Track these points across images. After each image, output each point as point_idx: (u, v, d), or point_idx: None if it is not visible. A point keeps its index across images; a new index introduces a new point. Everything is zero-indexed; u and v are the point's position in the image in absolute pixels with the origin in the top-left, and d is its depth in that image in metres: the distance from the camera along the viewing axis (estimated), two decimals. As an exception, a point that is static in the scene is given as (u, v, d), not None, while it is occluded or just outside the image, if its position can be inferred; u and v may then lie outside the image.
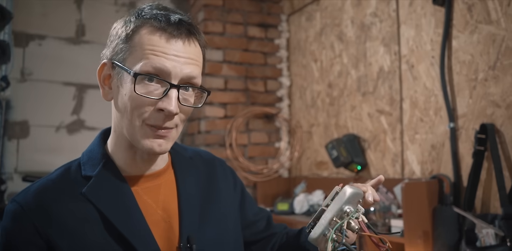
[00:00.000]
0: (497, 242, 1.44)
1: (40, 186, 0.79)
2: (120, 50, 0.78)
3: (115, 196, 0.79)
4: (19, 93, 2.55)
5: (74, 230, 0.75)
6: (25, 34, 2.61)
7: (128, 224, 0.77)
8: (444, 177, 1.69)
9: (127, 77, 0.76)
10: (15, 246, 0.75)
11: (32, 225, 0.74)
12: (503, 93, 1.54)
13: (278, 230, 1.05)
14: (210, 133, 2.64)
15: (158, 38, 0.76)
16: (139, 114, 0.76)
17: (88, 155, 0.85)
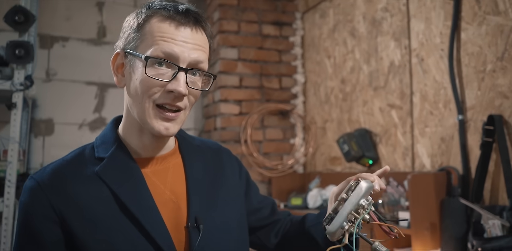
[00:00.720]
0: (503, 233, 1.43)
1: (56, 166, 0.85)
2: (132, 39, 0.83)
3: (126, 176, 0.84)
4: (44, 93, 2.68)
5: (86, 206, 0.80)
6: (50, 36, 2.75)
7: (137, 202, 0.82)
8: (452, 169, 1.68)
9: (139, 63, 0.81)
10: (31, 220, 0.80)
11: (47, 200, 0.79)
12: (511, 84, 1.53)
13: (282, 217, 1.08)
14: (225, 129, 2.70)
15: (168, 26, 0.81)
16: (149, 95, 0.80)
17: (101, 139, 0.90)
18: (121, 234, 0.79)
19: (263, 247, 1.07)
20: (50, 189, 0.80)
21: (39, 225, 0.79)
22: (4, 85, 2.02)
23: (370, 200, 0.79)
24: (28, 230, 0.80)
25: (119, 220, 0.80)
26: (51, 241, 0.79)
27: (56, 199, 0.79)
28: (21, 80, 2.04)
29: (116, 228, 0.80)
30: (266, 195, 2.67)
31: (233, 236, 0.93)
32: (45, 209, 0.79)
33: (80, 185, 0.82)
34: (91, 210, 0.80)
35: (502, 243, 1.40)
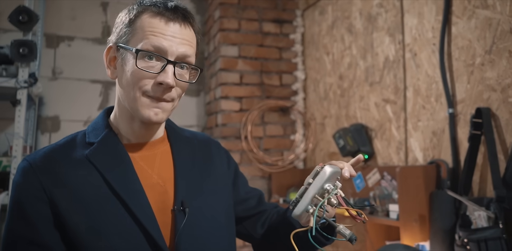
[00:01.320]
0: (489, 224, 1.44)
1: (49, 149, 0.89)
2: (123, 34, 0.88)
3: (114, 160, 0.88)
4: (50, 91, 2.76)
5: (75, 188, 0.84)
6: (56, 36, 2.83)
7: (124, 185, 0.86)
8: (441, 162, 1.70)
9: (130, 55, 0.86)
10: (22, 199, 0.83)
11: (38, 181, 0.83)
12: (499, 77, 1.54)
13: (269, 208, 1.12)
14: (226, 126, 2.74)
15: (158, 21, 0.86)
16: (140, 86, 0.85)
17: (93, 126, 0.95)
18: (109, 216, 0.83)
19: (249, 237, 1.10)
20: (42, 171, 0.84)
21: (29, 204, 0.83)
22: (9, 83, 2.09)
23: (338, 185, 0.81)
24: (18, 208, 0.83)
25: (107, 202, 0.84)
26: (40, 220, 0.82)
27: (46, 180, 0.83)
28: (25, 77, 2.11)
29: (104, 210, 0.83)
30: (266, 190, 2.71)
31: (218, 223, 0.96)
32: (35, 189, 0.83)
33: (71, 168, 0.86)
34: (80, 192, 0.84)
35: (487, 234, 1.41)
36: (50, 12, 2.79)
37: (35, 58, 2.11)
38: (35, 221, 0.82)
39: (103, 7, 2.96)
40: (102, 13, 2.95)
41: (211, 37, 3.00)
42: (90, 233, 0.81)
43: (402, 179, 1.63)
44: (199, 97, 3.13)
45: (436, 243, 1.59)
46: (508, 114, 1.50)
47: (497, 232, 1.40)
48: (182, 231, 0.87)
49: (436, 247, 1.59)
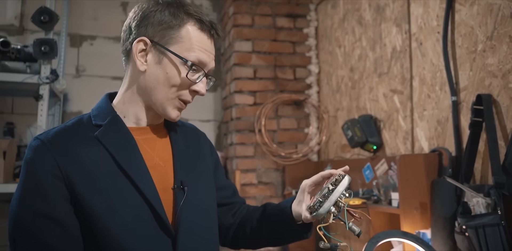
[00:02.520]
0: (488, 211, 1.43)
1: (59, 129, 0.95)
2: (166, 35, 0.95)
3: (121, 141, 0.96)
4: (74, 87, 2.91)
5: (87, 164, 0.90)
6: (79, 35, 2.98)
7: (130, 163, 0.93)
8: (443, 150, 1.69)
9: (177, 62, 0.95)
10: (37, 175, 0.87)
11: (52, 157, 0.88)
12: (499, 63, 1.52)
13: (240, 201, 1.21)
14: (240, 119, 2.80)
15: (206, 38, 0.97)
16: (177, 90, 0.97)
17: (97, 110, 1.02)
18: (118, 192, 0.90)
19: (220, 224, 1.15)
20: (55, 148, 0.89)
21: (45, 180, 0.87)
22: (32, 79, 2.23)
23: (350, 192, 0.95)
24: (33, 184, 0.87)
25: (116, 179, 0.91)
26: (56, 195, 0.87)
27: (60, 157, 0.88)
28: (47, 74, 2.25)
29: (114, 186, 0.90)
30: (280, 182, 2.76)
31: (210, 200, 1.07)
32: (50, 165, 0.88)
33: (81, 146, 0.92)
34: (91, 168, 0.90)
35: (485, 221, 1.41)
36: (73, 13, 2.94)
37: (55, 56, 2.23)
38: (51, 196, 0.86)
39: (123, 7, 3.08)
40: (122, 12, 3.07)
41: (226, 33, 3.06)
42: (103, 207, 0.88)
43: (401, 167, 1.64)
44: (216, 92, 3.21)
45: (436, 230, 1.59)
46: (509, 100, 1.48)
47: (495, 219, 1.39)
48: (182, 208, 0.95)
49: (437, 235, 1.59)
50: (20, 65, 2.29)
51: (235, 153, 2.78)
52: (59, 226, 0.86)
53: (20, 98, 2.75)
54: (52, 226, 0.86)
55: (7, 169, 2.23)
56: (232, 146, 2.85)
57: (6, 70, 2.26)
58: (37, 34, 2.74)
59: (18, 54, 2.26)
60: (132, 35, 0.97)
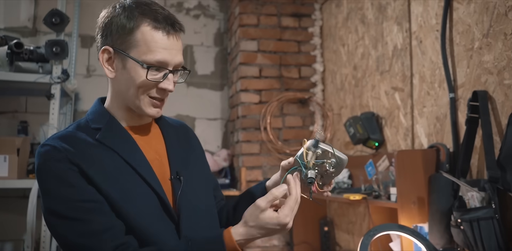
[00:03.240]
0: (483, 204, 1.46)
1: (62, 134, 1.01)
2: (123, 41, 0.99)
3: (122, 140, 1.03)
4: (85, 87, 3.00)
5: (96, 161, 0.96)
6: (90, 36, 3.07)
7: (134, 159, 1.01)
8: (440, 146, 1.72)
9: (135, 65, 0.98)
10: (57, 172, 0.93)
11: (66, 157, 0.94)
12: (495, 60, 1.55)
13: (219, 195, 1.28)
14: (246, 117, 2.86)
15: (161, 36, 0.98)
16: (145, 91, 1.01)
17: (92, 114, 1.08)
18: (128, 182, 0.98)
19: None
20: (65, 149, 0.96)
21: (65, 174, 0.93)
22: (44, 79, 2.32)
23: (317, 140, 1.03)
24: (56, 181, 0.93)
25: (125, 172, 0.99)
26: (80, 182, 0.94)
27: (71, 155, 0.95)
28: (58, 74, 2.33)
29: (123, 177, 0.98)
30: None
31: (205, 189, 1.15)
32: (65, 162, 0.94)
33: (87, 147, 0.99)
34: (101, 164, 0.97)
35: (479, 214, 1.44)
36: (84, 14, 3.03)
37: (66, 56, 2.31)
38: (76, 184, 0.93)
39: (132, 8, 3.16)
40: (131, 14, 3.15)
41: (232, 33, 3.12)
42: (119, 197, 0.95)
43: (399, 162, 1.67)
44: (223, 91, 3.27)
45: (433, 224, 1.63)
46: (504, 96, 1.51)
47: (489, 212, 1.42)
48: (181, 196, 1.03)
49: (434, 228, 1.62)
50: (33, 66, 2.38)
51: (241, 151, 2.83)
52: (98, 205, 0.93)
53: (33, 98, 2.85)
54: (92, 206, 0.93)
55: (20, 166, 2.32)
56: (238, 144, 2.91)
57: (19, 70, 2.35)
58: (49, 35, 2.83)
59: (31, 55, 2.35)
60: (99, 45, 1.03)
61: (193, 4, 3.28)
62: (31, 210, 2.24)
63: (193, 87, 3.20)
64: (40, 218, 2.28)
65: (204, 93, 3.23)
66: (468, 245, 1.49)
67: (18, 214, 2.63)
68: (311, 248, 2.71)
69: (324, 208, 2.78)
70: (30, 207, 2.25)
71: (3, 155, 2.25)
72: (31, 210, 2.24)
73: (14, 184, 2.26)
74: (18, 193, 2.69)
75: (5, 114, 2.81)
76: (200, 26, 3.28)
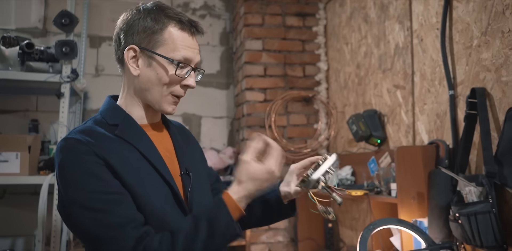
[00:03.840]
0: (480, 199, 1.49)
1: (82, 129, 1.04)
2: (151, 40, 1.06)
3: (138, 136, 1.08)
4: (94, 86, 3.07)
5: (117, 154, 1.00)
6: (98, 37, 3.13)
7: (151, 154, 1.06)
8: (440, 142, 1.75)
9: (165, 62, 1.05)
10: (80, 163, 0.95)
11: (90, 149, 0.97)
12: (493, 57, 1.58)
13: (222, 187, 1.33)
14: (251, 115, 2.90)
15: (187, 36, 1.07)
16: (168, 87, 1.07)
17: (107, 111, 1.11)
18: (146, 176, 1.03)
19: None
20: (88, 141, 0.98)
21: (90, 165, 0.96)
22: (54, 78, 2.39)
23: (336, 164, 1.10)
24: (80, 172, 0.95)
25: (142, 166, 1.04)
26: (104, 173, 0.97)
27: (96, 149, 0.98)
28: (68, 73, 2.40)
29: (142, 172, 1.03)
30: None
31: (207, 183, 1.23)
32: (91, 155, 0.97)
33: (108, 141, 1.02)
34: (122, 156, 1.01)
35: (477, 208, 1.47)
36: (93, 15, 3.10)
37: (75, 56, 2.38)
38: (101, 175, 0.96)
39: (140, 9, 3.22)
40: (139, 14, 3.21)
41: (238, 32, 3.17)
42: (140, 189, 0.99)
43: (399, 158, 1.71)
44: (229, 90, 3.32)
45: (432, 219, 1.66)
46: (501, 93, 1.54)
47: (486, 206, 1.45)
48: (192, 190, 1.10)
49: (433, 223, 1.66)
50: (43, 65, 2.45)
51: (246, 148, 2.88)
52: (123, 197, 0.97)
53: (43, 97, 2.92)
54: (118, 198, 0.96)
55: (32, 163, 2.39)
56: (243, 142, 2.96)
57: (30, 70, 2.42)
58: (59, 36, 2.90)
59: (42, 55, 2.41)
60: (122, 44, 1.08)
61: (199, 4, 3.33)
62: (42, 206, 2.31)
63: (199, 86, 3.25)
64: (50, 213, 2.35)
65: (210, 91, 3.28)
66: (466, 238, 1.52)
67: (29, 210, 2.70)
68: (315, 244, 2.75)
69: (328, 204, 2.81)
70: (41, 203, 2.31)
71: (15, 152, 2.32)
72: (42, 206, 2.31)
73: (25, 181, 2.33)
74: (30, 190, 2.76)
75: (17, 113, 2.89)
76: (206, 26, 3.33)
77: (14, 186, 2.70)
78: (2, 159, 2.31)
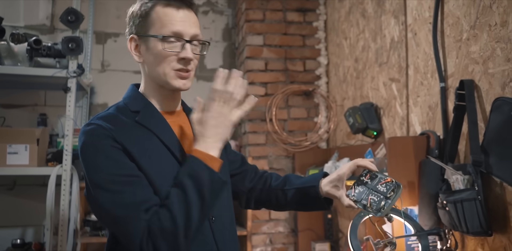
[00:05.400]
0: (467, 187, 1.54)
1: (105, 115, 1.10)
2: (142, 25, 1.12)
3: (158, 122, 1.14)
4: (100, 81, 3.16)
5: (137, 140, 1.06)
6: (104, 33, 3.22)
7: (169, 140, 1.11)
8: (430, 132, 1.81)
9: (155, 41, 1.10)
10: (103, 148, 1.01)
11: (110, 134, 1.03)
12: (481, 50, 1.63)
13: (250, 167, 1.41)
14: (252, 109, 2.97)
15: (171, 10, 1.10)
16: (168, 63, 1.10)
17: (129, 98, 1.18)
18: (163, 161, 1.08)
19: (239, 191, 1.37)
20: (109, 128, 1.04)
21: (109, 150, 1.02)
22: (61, 73, 2.48)
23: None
24: (101, 157, 1.01)
25: (161, 151, 1.09)
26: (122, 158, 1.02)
27: (115, 134, 1.03)
28: (74, 68, 2.48)
29: (159, 157, 1.08)
30: (290, 169, 2.92)
31: (228, 170, 1.28)
32: (111, 141, 1.03)
33: (127, 127, 1.08)
34: (140, 143, 1.07)
35: (463, 196, 1.53)
36: (98, 12, 3.18)
37: (81, 52, 2.46)
38: (119, 159, 1.02)
39: (144, 5, 3.30)
40: (143, 11, 3.29)
41: (239, 28, 3.23)
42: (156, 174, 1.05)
43: (391, 149, 1.77)
44: (231, 85, 3.38)
45: (422, 207, 1.72)
46: (488, 85, 1.59)
47: (472, 194, 1.51)
48: None
49: (423, 211, 1.71)
50: (51, 61, 2.54)
51: (247, 141, 2.95)
52: (139, 179, 1.02)
53: (51, 92, 3.02)
54: (134, 180, 1.01)
55: (40, 155, 2.49)
56: (245, 135, 3.03)
57: (38, 65, 2.52)
58: (65, 32, 2.99)
59: (49, 51, 2.50)
60: (127, 37, 1.17)
61: (202, 1, 3.40)
62: (50, 197, 2.41)
63: (202, 81, 3.32)
64: (58, 204, 2.45)
65: (213, 86, 3.35)
66: (453, 225, 1.58)
67: (38, 201, 2.81)
68: (315, 234, 2.82)
69: (328, 196, 2.88)
70: (49, 194, 2.41)
71: (24, 144, 2.42)
72: (50, 197, 2.41)
73: (34, 172, 2.43)
74: (38, 182, 2.87)
75: (26, 107, 2.99)
76: (209, 22, 3.40)
77: (23, 177, 2.81)
78: (12, 151, 2.41)
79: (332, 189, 1.24)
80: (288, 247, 2.92)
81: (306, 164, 2.86)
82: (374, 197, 1.09)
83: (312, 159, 2.88)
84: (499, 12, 1.53)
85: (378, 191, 1.09)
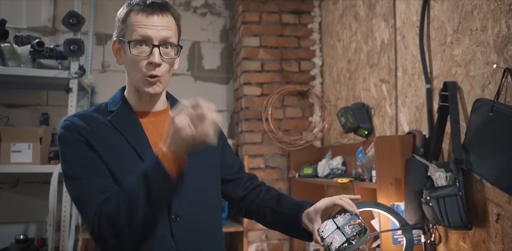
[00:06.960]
0: (449, 183, 1.63)
1: (82, 113, 1.19)
2: (120, 30, 1.19)
3: (128, 123, 1.19)
4: (101, 82, 3.24)
5: (103, 139, 1.13)
6: (104, 34, 3.30)
7: (136, 140, 1.17)
8: (416, 132, 1.89)
9: (125, 45, 1.16)
10: (70, 142, 1.12)
11: (78, 131, 1.12)
12: (463, 53, 1.71)
13: (247, 176, 1.40)
14: (248, 109, 3.06)
15: (141, 16, 1.13)
16: (139, 68, 1.13)
17: (112, 99, 1.26)
18: (127, 161, 1.14)
19: (229, 198, 1.38)
20: (79, 125, 1.13)
21: (75, 144, 1.11)
22: (63, 74, 2.56)
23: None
24: (68, 149, 1.12)
25: (125, 151, 1.15)
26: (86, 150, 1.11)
27: (83, 131, 1.12)
28: (76, 69, 2.56)
29: (123, 156, 1.14)
30: (285, 167, 3.00)
31: (212, 174, 1.27)
32: (77, 135, 1.12)
33: (99, 126, 1.15)
34: (106, 141, 1.14)
35: (445, 192, 1.61)
36: (99, 14, 3.26)
37: (83, 53, 2.54)
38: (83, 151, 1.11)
39: (143, 7, 3.38)
40: (142, 13, 3.37)
41: (237, 30, 3.32)
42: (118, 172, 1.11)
43: (378, 147, 1.85)
44: (229, 85, 3.47)
45: (408, 202, 1.80)
46: (469, 86, 1.67)
47: (454, 190, 1.59)
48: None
49: (408, 206, 1.80)
50: (53, 62, 2.62)
51: (244, 140, 3.04)
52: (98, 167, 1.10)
53: (53, 92, 3.10)
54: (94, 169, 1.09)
55: (43, 153, 2.57)
56: (241, 134, 3.11)
57: (41, 66, 2.60)
58: (67, 34, 3.07)
59: (51, 53, 2.58)
60: None
61: (200, 3, 3.48)
62: (53, 193, 2.49)
63: (200, 81, 3.41)
64: (60, 201, 2.53)
65: (211, 86, 3.43)
66: (436, 219, 1.66)
67: (40, 198, 2.89)
68: (309, 230, 2.89)
69: (322, 192, 2.96)
70: (52, 191, 2.49)
71: (27, 143, 2.51)
72: (53, 193, 2.49)
73: (37, 169, 2.52)
74: (41, 179, 2.95)
75: (29, 107, 3.08)
76: (207, 23, 3.48)
77: (26, 175, 2.89)
78: (16, 149, 2.49)
79: (307, 221, 1.18)
80: (283, 243, 3.01)
81: (301, 162, 2.95)
82: (337, 237, 1.05)
83: (306, 158, 2.96)
84: (479, 17, 1.62)
85: (343, 232, 1.05)
